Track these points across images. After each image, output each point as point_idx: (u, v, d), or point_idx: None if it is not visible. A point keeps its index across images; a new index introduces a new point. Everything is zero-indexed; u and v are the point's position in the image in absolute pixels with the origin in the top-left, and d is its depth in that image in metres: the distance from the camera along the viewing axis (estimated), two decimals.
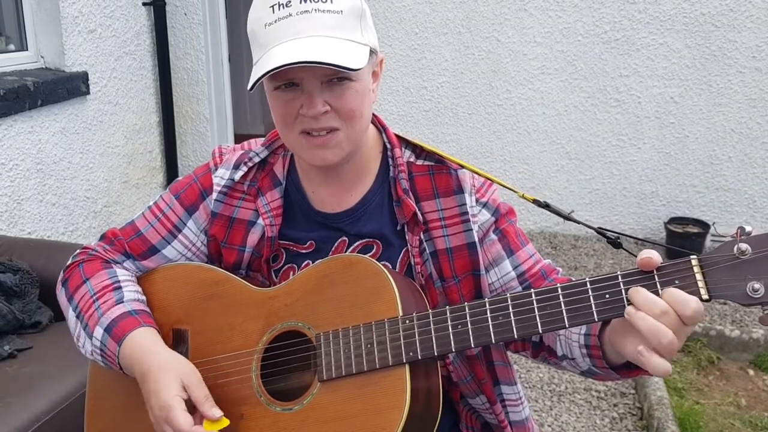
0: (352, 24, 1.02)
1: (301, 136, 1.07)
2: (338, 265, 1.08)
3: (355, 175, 1.17)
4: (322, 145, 1.07)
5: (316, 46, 0.98)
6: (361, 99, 1.06)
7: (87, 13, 3.46)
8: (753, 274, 0.85)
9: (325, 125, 1.05)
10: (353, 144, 1.10)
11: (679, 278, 0.88)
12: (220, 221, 1.21)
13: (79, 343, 1.19)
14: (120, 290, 1.19)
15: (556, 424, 2.63)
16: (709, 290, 0.87)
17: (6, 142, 2.96)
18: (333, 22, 1.00)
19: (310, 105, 1.03)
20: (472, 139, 4.29)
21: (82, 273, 1.22)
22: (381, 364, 1.00)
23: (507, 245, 1.17)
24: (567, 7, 3.95)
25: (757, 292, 0.85)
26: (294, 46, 0.98)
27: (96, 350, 1.15)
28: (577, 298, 0.93)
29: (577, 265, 3.87)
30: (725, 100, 3.90)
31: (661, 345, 0.86)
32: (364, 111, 1.08)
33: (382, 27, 4.16)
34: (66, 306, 1.23)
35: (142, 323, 1.14)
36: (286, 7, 1.00)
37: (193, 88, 4.32)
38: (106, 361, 1.15)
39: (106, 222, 3.69)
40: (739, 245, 0.86)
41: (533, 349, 1.18)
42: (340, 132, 1.06)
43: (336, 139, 1.07)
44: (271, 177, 1.21)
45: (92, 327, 1.15)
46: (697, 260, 0.89)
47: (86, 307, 1.18)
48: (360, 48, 1.02)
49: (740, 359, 3.03)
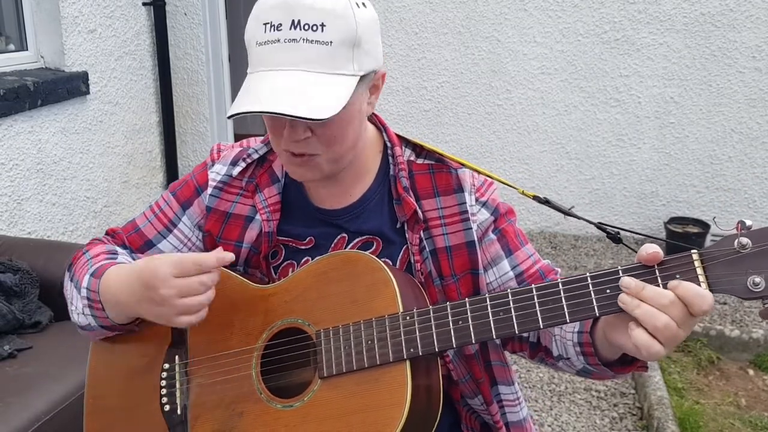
0: (343, 54, 0.98)
1: (284, 152, 1.08)
2: (338, 262, 1.08)
3: (354, 176, 1.17)
4: (301, 165, 1.08)
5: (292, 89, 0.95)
6: (346, 125, 1.05)
7: (87, 13, 3.47)
8: (753, 267, 0.86)
9: (304, 150, 1.05)
10: (334, 165, 1.09)
11: (680, 272, 0.89)
12: (215, 216, 1.22)
13: (72, 307, 1.19)
14: (115, 254, 1.22)
15: (556, 424, 2.63)
16: (709, 284, 0.88)
17: (6, 142, 2.96)
18: (319, 56, 0.97)
19: (291, 132, 1.03)
20: (472, 139, 4.29)
21: (84, 252, 1.25)
22: (381, 361, 1.00)
23: (506, 245, 1.17)
24: (567, 7, 3.95)
25: (758, 286, 0.85)
26: (272, 84, 0.96)
27: (84, 303, 1.14)
28: (578, 293, 0.93)
29: (577, 265, 3.87)
30: (725, 100, 3.90)
31: (658, 329, 0.86)
32: (347, 135, 1.06)
33: (383, 27, 4.13)
34: (67, 283, 1.23)
35: None
36: (277, 30, 0.97)
37: (193, 88, 4.32)
38: (93, 311, 1.14)
39: (106, 222, 3.69)
40: (740, 239, 0.86)
41: (531, 350, 1.18)
42: (319, 156, 1.06)
43: (314, 162, 1.07)
44: (269, 174, 1.21)
45: (81, 279, 1.16)
46: (697, 254, 0.89)
47: (80, 268, 1.19)
48: (344, 84, 0.99)
49: (740, 359, 3.03)
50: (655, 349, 0.87)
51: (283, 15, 0.97)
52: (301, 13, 0.96)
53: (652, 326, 0.86)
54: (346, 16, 0.97)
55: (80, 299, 1.15)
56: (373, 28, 1.04)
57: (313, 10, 0.96)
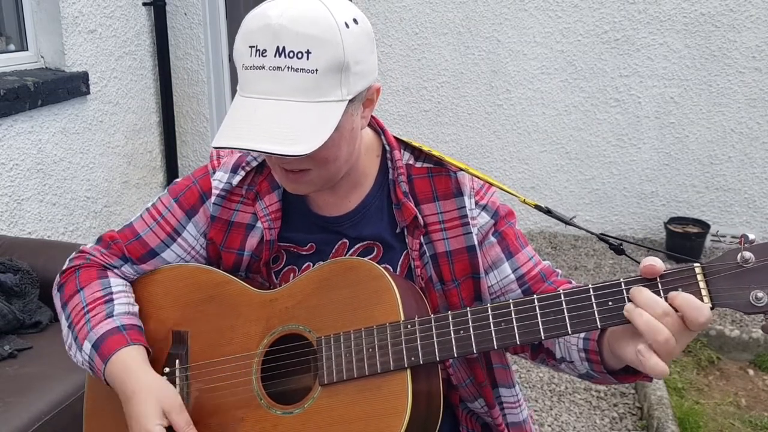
0: (329, 81, 0.95)
1: (276, 166, 1.07)
2: (339, 269, 1.08)
3: (352, 184, 1.17)
4: (294, 181, 1.07)
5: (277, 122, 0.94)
6: (337, 146, 1.03)
7: (87, 13, 3.46)
8: (756, 282, 0.85)
9: (295, 167, 1.04)
10: (328, 180, 1.09)
11: (682, 286, 0.88)
12: (218, 224, 1.21)
13: (70, 352, 1.20)
14: (111, 303, 1.19)
15: (556, 424, 2.63)
16: (711, 298, 0.87)
17: (6, 142, 2.96)
18: (304, 84, 0.94)
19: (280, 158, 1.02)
20: (472, 139, 4.29)
21: (77, 281, 1.23)
22: (382, 369, 1.00)
23: (506, 248, 1.16)
24: (567, 7, 3.95)
25: (760, 301, 0.85)
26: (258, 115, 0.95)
27: (85, 363, 1.17)
28: (579, 305, 0.93)
29: (577, 265, 3.87)
30: (725, 100, 3.90)
31: (658, 342, 0.86)
32: (340, 155, 1.05)
33: (382, 27, 4.16)
34: (60, 313, 1.24)
35: (129, 341, 1.14)
36: (262, 56, 0.94)
37: (193, 88, 4.31)
38: (94, 374, 1.17)
39: (106, 222, 3.69)
40: (743, 253, 0.86)
41: (532, 351, 1.18)
42: (311, 172, 1.05)
43: (307, 178, 1.06)
44: (269, 180, 1.20)
45: (81, 340, 1.16)
46: (700, 268, 0.88)
47: (77, 318, 1.18)
48: (331, 111, 0.96)
49: (740, 359, 3.03)
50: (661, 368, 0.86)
51: (268, 41, 0.94)
52: (286, 40, 0.93)
53: (653, 340, 0.86)
54: (333, 42, 0.94)
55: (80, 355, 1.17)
56: (365, 46, 1.00)
57: (298, 37, 0.93)
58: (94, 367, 1.14)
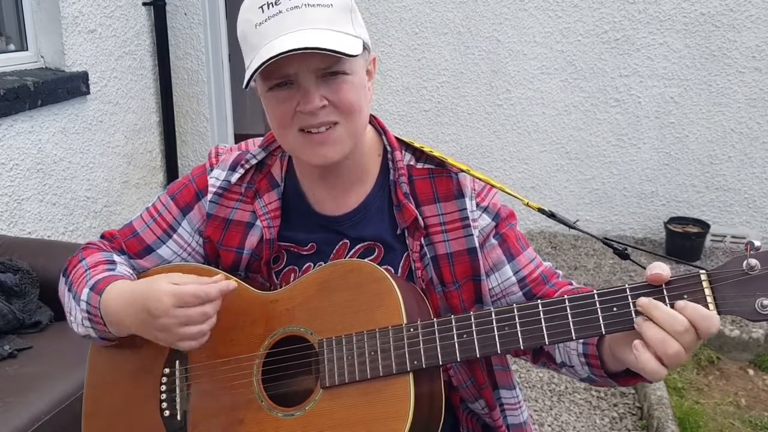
0: (343, 18, 1.01)
1: (299, 135, 1.05)
2: (340, 270, 1.08)
3: (354, 175, 1.16)
4: (322, 142, 1.05)
5: (310, 38, 0.97)
6: (358, 92, 1.05)
7: (87, 13, 3.46)
8: (762, 290, 0.85)
9: (323, 120, 1.03)
10: (353, 139, 1.08)
11: (687, 293, 0.88)
12: (215, 222, 1.21)
13: (71, 317, 1.18)
14: (113, 264, 1.20)
15: (556, 424, 2.63)
16: (717, 305, 0.87)
17: (6, 142, 2.96)
18: (324, 16, 0.99)
19: (307, 100, 1.01)
20: (472, 139, 4.28)
21: (80, 257, 1.24)
22: (384, 372, 1.00)
23: (507, 250, 1.16)
24: (567, 7, 3.95)
25: (766, 308, 0.85)
26: (286, 41, 0.96)
27: (84, 316, 1.14)
28: (584, 310, 0.93)
29: (577, 265, 3.87)
30: (725, 100, 3.89)
31: (667, 355, 0.86)
32: (362, 105, 1.06)
33: (382, 27, 4.16)
34: (63, 290, 1.23)
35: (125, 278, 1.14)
36: (276, 5, 0.98)
37: (193, 88, 4.31)
38: (93, 324, 1.14)
39: (106, 222, 3.69)
40: (749, 261, 0.86)
41: (533, 355, 1.18)
42: (339, 126, 1.05)
43: (336, 135, 1.05)
44: (269, 179, 1.20)
45: (80, 291, 1.15)
46: (706, 275, 0.88)
47: (78, 278, 1.18)
48: (353, 39, 1.02)
49: (740, 359, 3.04)
50: (661, 375, 0.87)
51: None
52: None
53: (662, 352, 0.86)
54: None
55: (80, 311, 1.15)
56: None
57: None
58: (92, 311, 1.12)
